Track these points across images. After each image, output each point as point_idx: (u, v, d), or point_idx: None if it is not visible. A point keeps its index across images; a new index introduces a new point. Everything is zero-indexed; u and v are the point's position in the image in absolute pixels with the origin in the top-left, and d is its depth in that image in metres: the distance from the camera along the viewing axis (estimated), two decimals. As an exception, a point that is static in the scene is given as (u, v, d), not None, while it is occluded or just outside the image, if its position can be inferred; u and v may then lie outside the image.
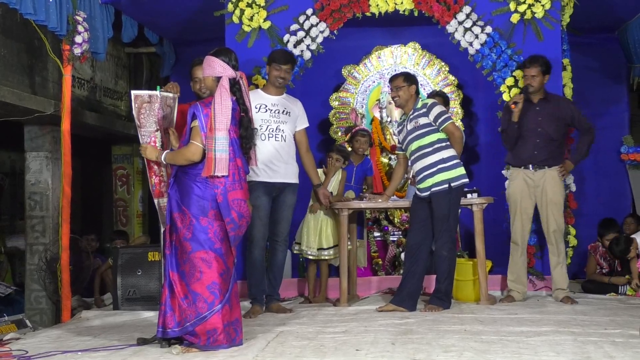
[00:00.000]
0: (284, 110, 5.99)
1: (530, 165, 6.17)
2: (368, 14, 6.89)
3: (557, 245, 6.18)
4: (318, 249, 6.42)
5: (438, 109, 5.89)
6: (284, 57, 6.05)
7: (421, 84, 8.03)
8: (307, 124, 6.19)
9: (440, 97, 7.07)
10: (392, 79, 6.07)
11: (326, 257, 6.44)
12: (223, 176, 4.37)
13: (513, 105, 6.13)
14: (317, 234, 6.42)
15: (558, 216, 6.16)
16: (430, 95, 7.20)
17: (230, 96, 4.43)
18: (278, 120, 5.94)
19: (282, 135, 5.95)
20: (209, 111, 4.38)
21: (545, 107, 6.20)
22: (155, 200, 5.14)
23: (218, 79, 4.49)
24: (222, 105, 4.36)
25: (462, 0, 6.72)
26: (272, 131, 5.88)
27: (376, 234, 7.91)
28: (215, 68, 4.51)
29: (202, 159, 4.41)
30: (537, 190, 6.16)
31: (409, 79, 5.99)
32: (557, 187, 6.15)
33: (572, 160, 6.26)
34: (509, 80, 6.67)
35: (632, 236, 6.76)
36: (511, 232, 6.28)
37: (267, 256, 6.25)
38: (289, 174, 5.98)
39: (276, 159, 5.86)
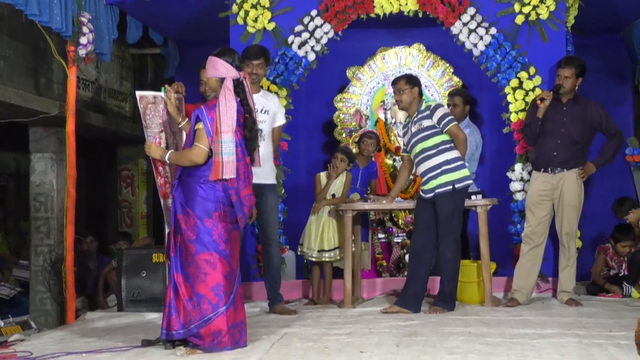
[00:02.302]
0: (262, 109, 5.89)
1: (549, 169, 6.13)
2: (372, 15, 6.89)
3: (569, 248, 6.15)
4: (319, 251, 6.42)
5: (441, 111, 5.88)
6: (255, 52, 5.94)
7: (426, 86, 8.03)
8: (284, 121, 6.10)
9: (461, 96, 7.07)
10: (394, 82, 6.06)
11: (327, 259, 6.43)
12: (233, 178, 4.37)
13: (539, 101, 6.09)
14: (319, 236, 6.42)
15: (573, 219, 6.12)
16: (451, 94, 7.21)
17: (234, 97, 4.43)
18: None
19: (260, 135, 5.91)
20: (214, 114, 4.38)
21: (572, 109, 6.15)
22: (162, 201, 5.15)
23: (222, 79, 4.48)
24: (227, 107, 4.36)
25: (466, 2, 6.72)
26: None
27: (380, 235, 7.91)
28: (219, 69, 4.51)
29: (205, 162, 4.41)
30: (555, 193, 6.13)
31: (411, 81, 5.97)
32: (575, 190, 6.08)
33: (595, 164, 6.17)
34: (514, 82, 6.66)
35: None
36: (523, 234, 6.25)
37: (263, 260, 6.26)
38: (265, 175, 5.86)
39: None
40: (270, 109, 5.97)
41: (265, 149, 5.91)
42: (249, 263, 6.74)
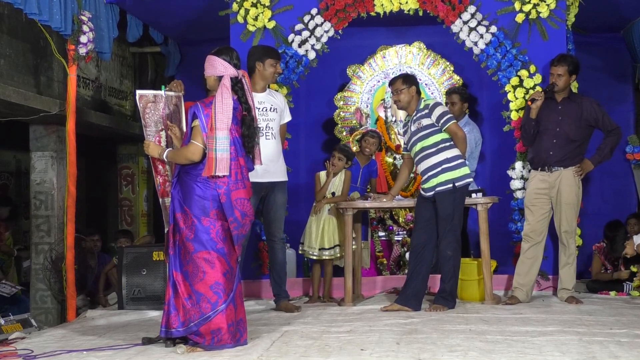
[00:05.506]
0: (271, 107, 5.95)
1: (546, 167, 6.12)
2: (373, 13, 6.88)
3: (568, 246, 6.15)
4: (319, 249, 6.42)
5: (440, 109, 5.88)
6: (278, 52, 6.09)
7: (426, 84, 8.06)
8: (290, 118, 6.16)
9: (458, 94, 7.08)
10: (392, 82, 6.07)
11: (327, 257, 6.43)
12: (225, 176, 4.37)
13: (530, 102, 6.10)
14: (319, 234, 6.42)
15: (571, 217, 6.11)
16: (448, 92, 7.22)
17: (231, 95, 4.43)
18: (266, 118, 5.90)
19: (271, 133, 5.91)
20: (209, 111, 4.39)
21: (567, 107, 6.13)
22: (160, 200, 5.16)
23: (220, 78, 4.49)
24: (223, 104, 4.37)
25: (466, 0, 6.72)
26: (261, 130, 5.75)
27: (381, 233, 7.92)
28: (217, 67, 4.52)
29: (202, 159, 4.42)
30: (552, 191, 6.12)
31: (408, 80, 5.98)
32: (572, 188, 6.07)
33: (592, 161, 6.14)
34: (514, 80, 6.66)
35: (634, 236, 6.76)
36: (523, 232, 6.25)
37: (268, 257, 6.27)
38: (277, 173, 5.94)
39: (266, 157, 5.62)
40: (279, 107, 6.01)
41: (276, 146, 5.94)
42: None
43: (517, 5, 6.66)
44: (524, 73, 6.64)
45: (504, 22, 6.72)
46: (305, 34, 6.87)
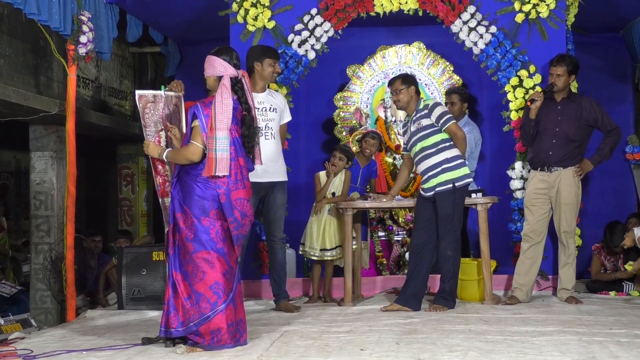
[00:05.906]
0: (270, 107, 5.96)
1: (546, 167, 6.11)
2: (372, 13, 6.88)
3: (568, 246, 6.15)
4: (321, 250, 6.41)
5: (440, 109, 5.88)
6: (276, 52, 6.10)
7: (426, 84, 8.06)
8: (290, 118, 6.17)
9: (458, 94, 7.08)
10: (391, 83, 6.07)
11: (329, 258, 6.43)
12: (225, 176, 4.37)
13: (529, 102, 6.11)
14: (320, 235, 6.42)
15: (570, 217, 6.11)
16: (448, 92, 7.22)
17: (231, 95, 4.44)
18: (266, 118, 5.91)
19: (271, 133, 5.92)
20: (209, 111, 4.39)
21: (567, 108, 6.13)
22: (160, 200, 5.16)
23: (220, 78, 4.50)
24: (223, 105, 4.37)
25: (466, 0, 6.72)
26: (261, 130, 5.71)
27: (380, 233, 7.92)
28: (216, 67, 4.53)
29: (202, 159, 4.42)
30: (551, 191, 6.12)
31: (407, 80, 5.98)
32: (571, 188, 6.07)
33: (592, 161, 6.14)
34: (514, 80, 6.66)
35: (635, 229, 6.77)
36: (523, 232, 6.25)
37: (268, 257, 6.28)
38: (277, 172, 5.95)
39: (266, 157, 5.58)
40: (278, 107, 6.01)
41: (276, 146, 5.94)
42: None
43: (516, 5, 6.66)
44: (523, 73, 6.64)
45: (504, 22, 6.72)
46: (305, 34, 6.87)
